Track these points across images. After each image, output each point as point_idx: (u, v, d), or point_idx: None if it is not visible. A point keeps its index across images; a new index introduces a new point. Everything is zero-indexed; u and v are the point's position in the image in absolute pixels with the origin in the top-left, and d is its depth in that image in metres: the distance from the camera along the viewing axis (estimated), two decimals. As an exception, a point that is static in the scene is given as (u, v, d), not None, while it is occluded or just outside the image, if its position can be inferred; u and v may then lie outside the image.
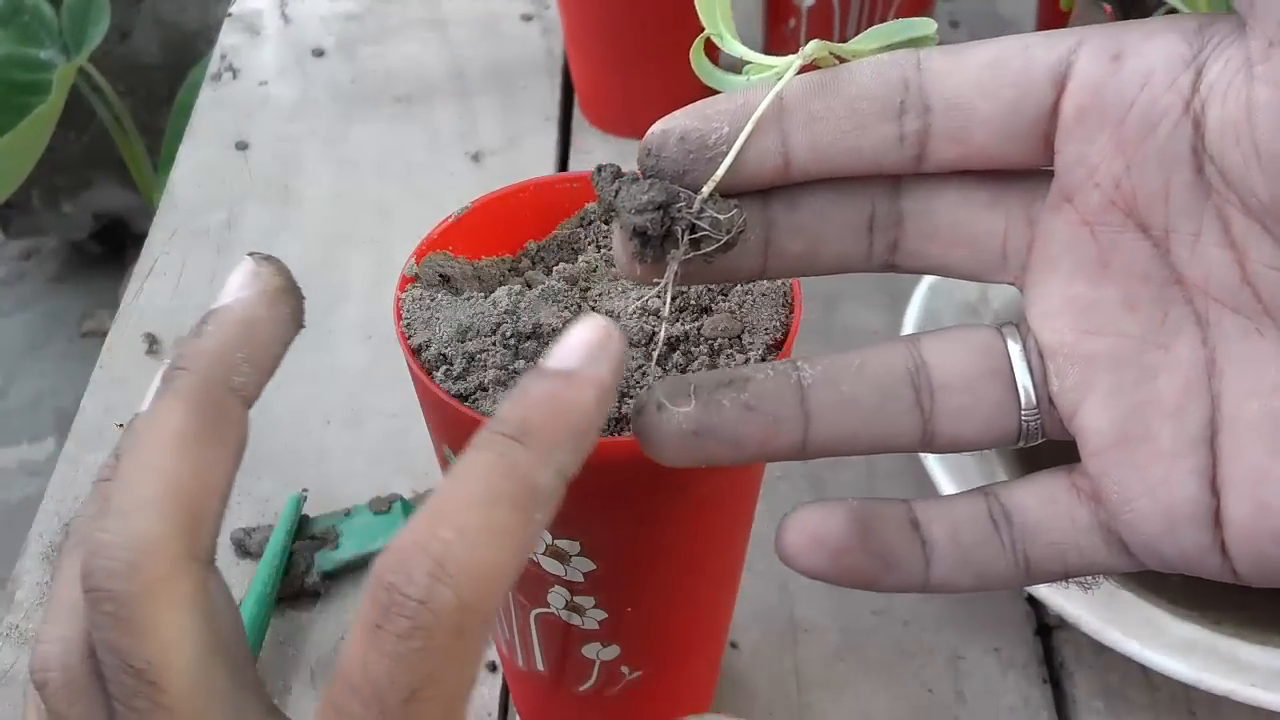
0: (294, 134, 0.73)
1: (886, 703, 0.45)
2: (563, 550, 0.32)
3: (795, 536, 0.26)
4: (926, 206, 0.26)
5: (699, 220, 0.25)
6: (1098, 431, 0.25)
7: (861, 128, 0.25)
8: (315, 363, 0.59)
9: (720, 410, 0.25)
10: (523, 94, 0.75)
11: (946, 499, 0.27)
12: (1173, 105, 0.23)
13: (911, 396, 0.26)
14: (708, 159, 0.25)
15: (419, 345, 0.31)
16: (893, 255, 0.27)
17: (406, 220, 0.66)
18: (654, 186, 0.25)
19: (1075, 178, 0.25)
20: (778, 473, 0.52)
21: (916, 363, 0.26)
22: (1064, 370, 0.25)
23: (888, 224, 0.27)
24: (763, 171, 0.25)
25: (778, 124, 0.25)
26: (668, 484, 0.31)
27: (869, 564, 0.26)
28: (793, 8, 0.65)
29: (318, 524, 0.50)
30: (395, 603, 0.20)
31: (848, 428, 0.26)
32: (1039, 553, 0.26)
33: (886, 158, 0.25)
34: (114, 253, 1.59)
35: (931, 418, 0.26)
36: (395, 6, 0.83)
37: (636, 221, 0.25)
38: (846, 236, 0.27)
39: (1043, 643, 0.47)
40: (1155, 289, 0.25)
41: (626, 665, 0.36)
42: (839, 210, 0.27)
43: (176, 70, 1.29)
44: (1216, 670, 0.41)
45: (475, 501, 0.21)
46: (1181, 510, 0.24)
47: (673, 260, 0.25)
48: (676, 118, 0.26)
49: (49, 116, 1.04)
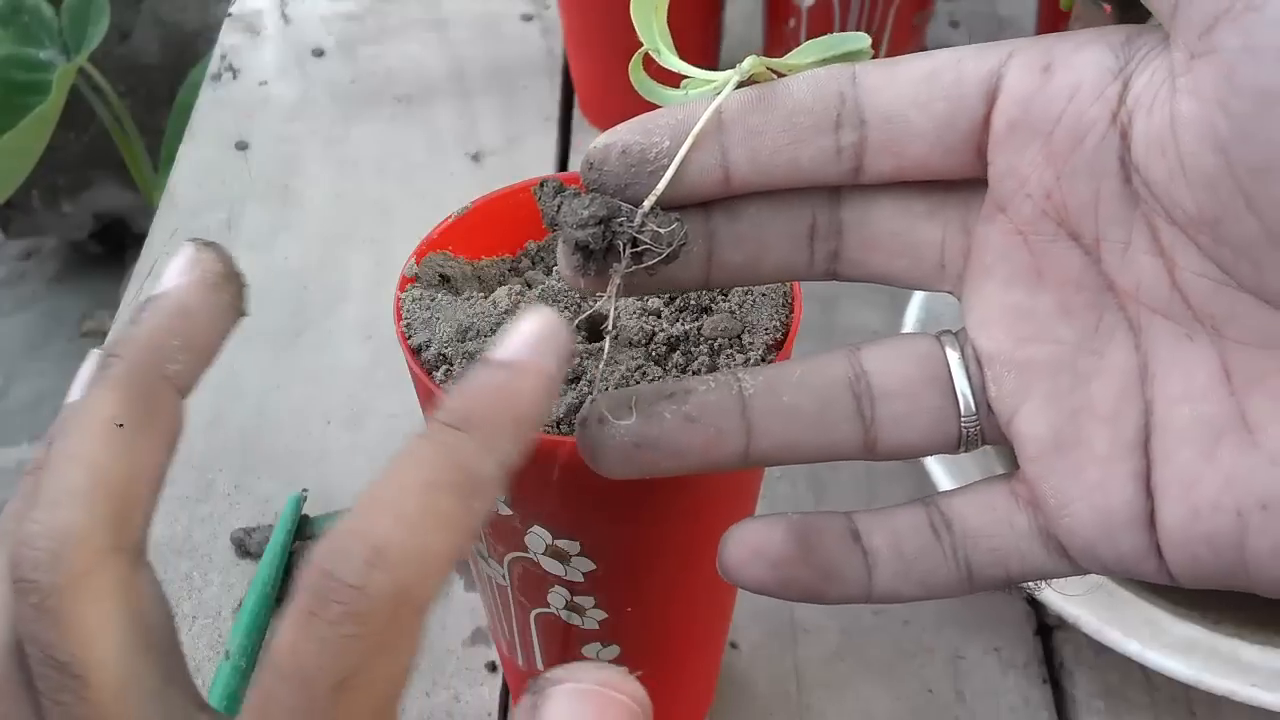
0: (294, 134, 0.73)
1: (886, 703, 0.45)
2: (563, 550, 0.32)
3: (736, 550, 0.27)
4: (865, 216, 0.27)
5: (640, 234, 0.25)
6: (1034, 438, 0.25)
7: (799, 141, 0.26)
8: (315, 363, 0.59)
9: (661, 422, 0.26)
10: (523, 94, 0.75)
11: (887, 510, 0.27)
12: (1100, 117, 0.24)
13: (852, 404, 0.26)
14: (649, 172, 0.25)
15: (419, 345, 0.31)
16: (834, 264, 0.27)
17: (406, 220, 0.66)
18: (595, 201, 0.25)
19: (1007, 188, 0.25)
20: (777, 473, 0.52)
21: (857, 371, 0.27)
22: (1001, 377, 0.26)
23: (828, 234, 0.27)
24: (703, 184, 0.26)
25: (717, 138, 0.26)
26: (667, 484, 0.31)
27: (810, 576, 0.27)
28: (793, 7, 0.65)
29: (318, 524, 0.50)
30: (330, 589, 0.19)
31: (789, 437, 0.26)
32: (980, 559, 0.26)
33: (824, 170, 0.26)
34: (114, 253, 1.59)
35: (873, 425, 0.26)
36: (395, 6, 0.83)
37: (579, 236, 0.25)
38: (787, 246, 0.27)
39: (1043, 643, 0.47)
40: (1088, 296, 0.25)
41: (626, 665, 0.36)
42: (779, 221, 0.27)
43: (176, 70, 1.29)
44: (1216, 670, 0.41)
45: (415, 489, 0.21)
46: (1118, 514, 0.24)
47: (615, 274, 0.26)
48: (618, 132, 0.26)
49: (49, 116, 1.04)
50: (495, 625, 0.39)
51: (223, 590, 0.49)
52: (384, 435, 0.55)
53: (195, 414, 0.56)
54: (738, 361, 0.30)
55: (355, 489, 0.55)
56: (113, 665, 0.21)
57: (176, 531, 0.51)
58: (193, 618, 0.48)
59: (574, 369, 0.30)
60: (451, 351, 0.30)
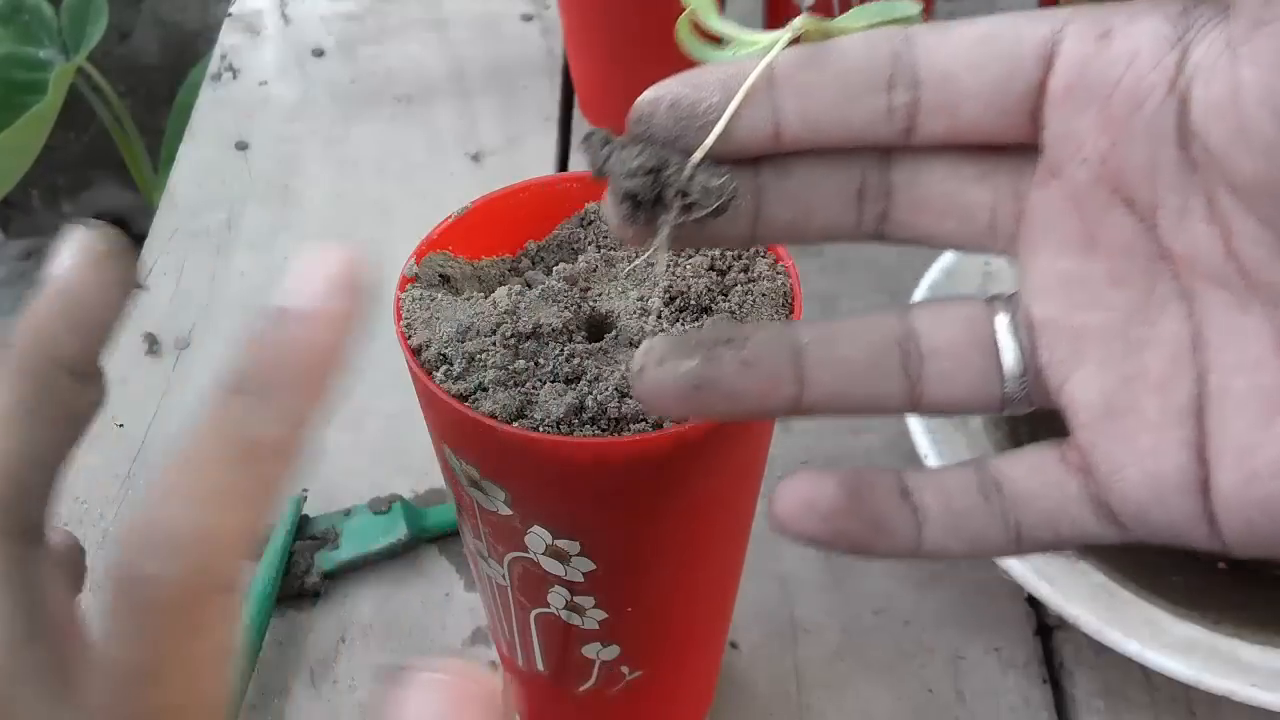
0: (294, 134, 0.73)
1: (886, 703, 0.45)
2: (563, 550, 0.32)
3: (787, 502, 0.27)
4: (916, 178, 0.27)
5: (689, 186, 0.25)
6: (1086, 404, 0.25)
7: (851, 100, 0.26)
8: (315, 363, 0.58)
9: (720, 365, 0.26)
10: (523, 94, 0.75)
11: (936, 470, 0.27)
12: (1158, 83, 0.24)
13: (900, 361, 0.27)
14: (698, 126, 0.25)
15: (419, 345, 0.31)
16: (882, 225, 0.28)
17: (406, 220, 0.66)
18: (645, 151, 0.25)
19: (1062, 153, 0.25)
20: (778, 473, 0.52)
21: (907, 329, 0.27)
22: (1052, 343, 0.26)
23: (877, 195, 0.27)
24: (753, 140, 0.26)
25: (769, 94, 0.26)
26: (668, 484, 0.31)
27: (860, 529, 0.27)
28: (792, 8, 0.65)
29: (318, 524, 0.50)
30: (130, 581, 0.20)
31: (839, 388, 0.27)
32: (1030, 521, 0.26)
33: (876, 130, 0.26)
34: (114, 253, 1.58)
35: (919, 382, 0.27)
36: (395, 6, 0.83)
37: (628, 185, 0.25)
38: (836, 206, 0.27)
39: (1043, 643, 0.47)
40: (1141, 264, 0.25)
41: (626, 665, 0.36)
42: (829, 180, 0.27)
43: (176, 70, 1.29)
44: (1216, 670, 0.41)
45: (202, 468, 0.20)
46: (1170, 480, 0.24)
47: (664, 225, 0.25)
48: (668, 85, 0.26)
49: (46, 115, 1.04)
50: (495, 625, 0.39)
51: (223, 590, 0.49)
52: (384, 435, 0.55)
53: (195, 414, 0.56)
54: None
55: (355, 489, 0.55)
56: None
57: (176, 531, 0.51)
58: (193, 618, 0.48)
59: (574, 369, 0.30)
60: (451, 351, 0.30)
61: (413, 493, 0.52)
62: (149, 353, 0.59)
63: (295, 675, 0.46)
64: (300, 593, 0.48)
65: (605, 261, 0.34)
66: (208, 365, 0.58)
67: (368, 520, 0.50)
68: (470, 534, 0.34)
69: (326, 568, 0.48)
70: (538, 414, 0.29)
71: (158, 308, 0.62)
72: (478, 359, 0.30)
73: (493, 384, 0.30)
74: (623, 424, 0.29)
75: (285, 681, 0.46)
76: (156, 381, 0.58)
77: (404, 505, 0.50)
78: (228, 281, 0.63)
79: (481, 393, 0.30)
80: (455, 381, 0.30)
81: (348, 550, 0.49)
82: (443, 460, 0.33)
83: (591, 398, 0.29)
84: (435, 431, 0.32)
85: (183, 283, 0.63)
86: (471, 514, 0.33)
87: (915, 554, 0.27)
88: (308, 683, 0.46)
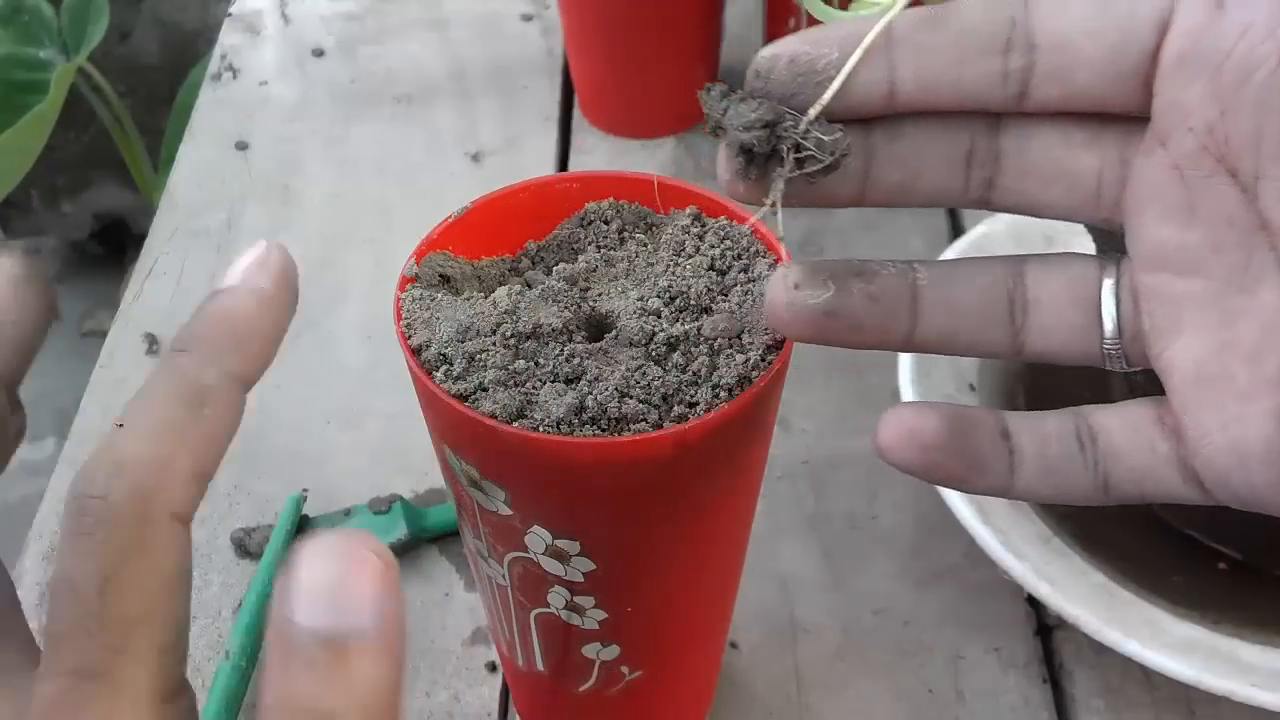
0: (294, 134, 0.73)
1: (886, 703, 0.45)
2: (563, 550, 0.32)
3: (891, 430, 0.28)
4: (1025, 144, 0.28)
5: (804, 140, 0.26)
6: (1180, 370, 0.26)
7: (967, 62, 0.26)
8: (315, 363, 0.59)
9: (849, 296, 0.27)
10: (523, 94, 0.75)
11: (1037, 415, 0.28)
12: (1270, 55, 0.24)
13: (1007, 309, 0.28)
14: (815, 83, 0.26)
15: (419, 345, 0.31)
16: (989, 192, 0.28)
17: (406, 220, 0.66)
18: (762, 106, 0.26)
19: (1170, 121, 0.26)
20: (778, 473, 0.52)
21: (1016, 279, 0.28)
22: (1152, 309, 0.27)
23: (985, 160, 0.28)
24: (868, 99, 0.27)
25: (885, 54, 0.26)
26: (668, 484, 0.31)
27: (957, 464, 0.28)
28: (792, 7, 0.65)
29: (318, 524, 0.50)
30: (81, 505, 0.22)
31: (950, 328, 0.28)
32: (1119, 475, 0.27)
33: (989, 94, 0.26)
34: (114, 253, 1.58)
35: (1021, 331, 0.28)
36: (395, 6, 0.83)
37: (743, 138, 0.26)
38: (944, 170, 0.28)
39: (1043, 643, 0.47)
40: (1240, 234, 0.25)
41: (626, 665, 0.36)
42: (939, 143, 0.28)
43: (176, 70, 1.29)
44: (1216, 670, 0.41)
45: (147, 407, 0.23)
46: (1254, 448, 0.25)
47: (778, 178, 0.26)
48: (786, 42, 0.27)
49: (47, 116, 1.04)
50: (495, 625, 0.39)
51: (223, 590, 0.49)
52: (384, 435, 0.55)
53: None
54: (738, 362, 0.30)
55: (355, 489, 0.56)
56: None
57: (176, 531, 0.51)
58: (193, 618, 0.48)
59: (574, 369, 0.30)
60: (451, 351, 0.30)
61: (413, 493, 0.52)
62: (149, 353, 0.59)
63: (295, 675, 0.46)
64: (300, 593, 0.48)
65: (605, 261, 0.34)
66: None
67: (368, 520, 0.50)
68: (470, 534, 0.34)
69: (326, 568, 0.48)
70: (538, 414, 0.29)
71: (158, 308, 0.62)
72: (478, 359, 0.30)
73: (493, 384, 0.30)
74: (623, 424, 0.29)
75: (285, 681, 0.46)
76: (156, 381, 0.58)
77: (404, 505, 0.50)
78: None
79: (481, 393, 0.30)
80: (455, 381, 0.30)
81: (348, 550, 0.49)
82: (443, 460, 0.33)
83: (591, 398, 0.29)
84: (435, 431, 0.32)
85: (183, 283, 0.63)
86: (471, 514, 0.33)
87: (1005, 494, 0.28)
88: (308, 683, 0.46)
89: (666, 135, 0.71)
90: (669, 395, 0.30)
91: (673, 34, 0.67)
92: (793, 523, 0.51)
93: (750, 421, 0.31)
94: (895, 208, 0.29)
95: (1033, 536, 0.46)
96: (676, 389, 0.30)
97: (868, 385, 0.56)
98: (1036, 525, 0.47)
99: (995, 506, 0.46)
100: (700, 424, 0.29)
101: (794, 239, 0.64)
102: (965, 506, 0.45)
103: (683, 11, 0.66)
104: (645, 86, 0.69)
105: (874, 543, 0.50)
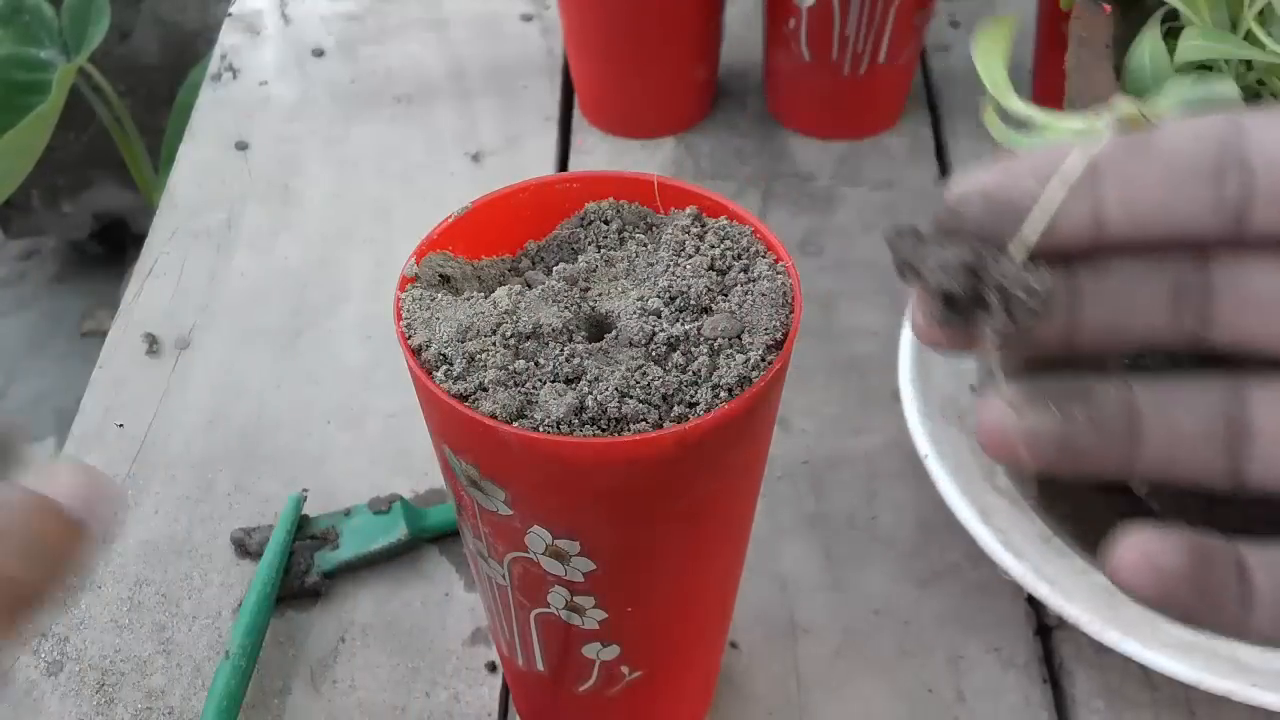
0: (294, 134, 0.73)
1: (886, 703, 0.45)
2: (563, 550, 0.32)
3: (1129, 555, 0.25)
4: (1240, 275, 0.25)
5: (1013, 284, 0.23)
6: None
7: (1178, 190, 0.24)
8: (315, 362, 0.59)
9: (1074, 424, 0.25)
10: (523, 94, 0.75)
11: (1273, 547, 0.26)
12: None
13: (1225, 436, 0.25)
14: (1015, 219, 0.24)
15: (419, 345, 0.31)
16: (1205, 330, 0.26)
17: (406, 220, 0.66)
18: (962, 247, 0.23)
19: None
20: (777, 473, 0.52)
21: (1236, 409, 0.25)
22: None
23: (1195, 294, 0.26)
24: (1074, 233, 0.24)
25: (1090, 185, 0.24)
26: (668, 484, 0.31)
27: (1194, 600, 0.25)
28: (792, 8, 0.65)
29: (318, 524, 0.50)
30: None
31: (1170, 455, 0.25)
32: None
33: (1202, 223, 0.24)
34: (114, 253, 1.58)
35: (1239, 459, 0.25)
36: (395, 6, 0.83)
37: (944, 283, 0.23)
38: (1154, 307, 0.25)
39: (1043, 643, 0.47)
40: None
41: (626, 665, 0.36)
42: (1146, 279, 0.25)
43: (176, 70, 1.29)
44: (1216, 670, 0.41)
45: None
46: None
47: (989, 327, 0.24)
48: (978, 176, 0.24)
49: (49, 116, 1.04)
50: (495, 625, 0.39)
51: (223, 590, 0.49)
52: (384, 435, 0.55)
53: (195, 414, 0.56)
54: (738, 362, 0.30)
55: (355, 489, 0.56)
56: None
57: (176, 531, 0.51)
58: (193, 618, 0.48)
59: (574, 369, 0.30)
60: (451, 351, 0.30)
61: (413, 493, 0.52)
62: (149, 353, 0.59)
63: (295, 675, 0.46)
64: (300, 593, 0.48)
65: (605, 261, 0.34)
66: (207, 365, 0.58)
67: (368, 520, 0.50)
68: (470, 534, 0.34)
69: (326, 568, 0.48)
70: (538, 414, 0.29)
71: (158, 308, 0.62)
72: (478, 359, 0.30)
73: (493, 384, 0.30)
74: (623, 424, 0.29)
75: (285, 681, 0.46)
76: (156, 381, 0.58)
77: (404, 505, 0.50)
78: (228, 281, 0.63)
79: (481, 393, 0.30)
80: (455, 381, 0.30)
81: (348, 550, 0.49)
82: (443, 460, 0.33)
83: (591, 398, 0.29)
84: (435, 431, 0.32)
85: (183, 283, 0.63)
86: (471, 514, 0.33)
87: (1240, 636, 0.26)
88: (308, 683, 0.46)
89: (666, 135, 0.72)
90: (669, 395, 0.30)
91: (673, 34, 0.67)
92: (793, 523, 0.51)
93: (750, 421, 0.31)
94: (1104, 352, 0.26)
95: (1033, 536, 0.46)
96: (676, 389, 0.30)
97: (868, 385, 0.56)
98: (1036, 525, 0.47)
99: (995, 506, 0.46)
100: (700, 424, 0.29)
101: (794, 239, 0.64)
102: (965, 506, 0.45)
103: (683, 12, 0.66)
104: (645, 86, 0.69)
105: (874, 543, 0.50)
